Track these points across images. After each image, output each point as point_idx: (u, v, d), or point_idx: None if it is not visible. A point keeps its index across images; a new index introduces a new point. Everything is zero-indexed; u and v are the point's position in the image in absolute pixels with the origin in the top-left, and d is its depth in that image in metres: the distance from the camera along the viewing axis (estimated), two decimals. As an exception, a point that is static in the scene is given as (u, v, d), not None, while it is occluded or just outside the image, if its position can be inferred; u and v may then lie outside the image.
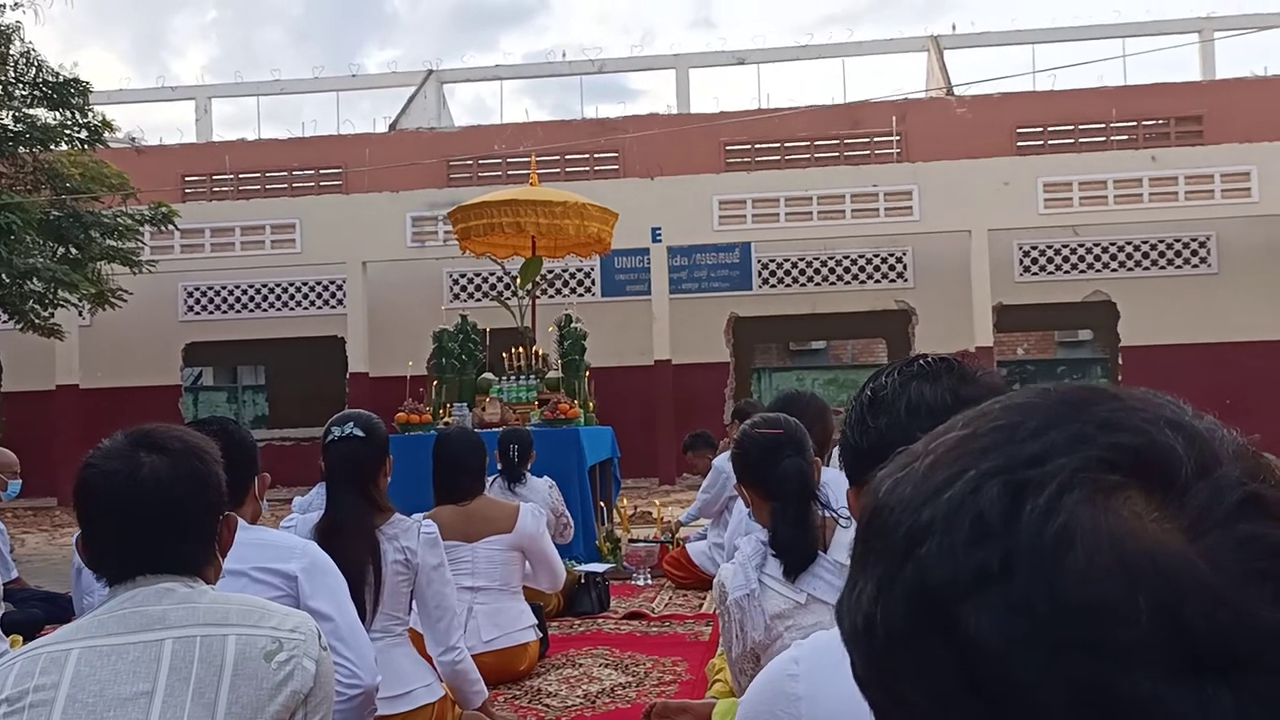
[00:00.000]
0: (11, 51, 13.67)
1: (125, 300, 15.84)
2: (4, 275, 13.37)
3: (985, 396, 0.66)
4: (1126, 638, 0.49)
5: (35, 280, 13.92)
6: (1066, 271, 18.62)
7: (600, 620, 6.50)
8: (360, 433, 3.72)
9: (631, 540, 8.54)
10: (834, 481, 3.17)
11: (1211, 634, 0.49)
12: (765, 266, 19.08)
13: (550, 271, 16.96)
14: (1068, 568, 0.50)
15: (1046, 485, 0.53)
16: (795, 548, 2.88)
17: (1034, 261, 18.68)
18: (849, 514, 2.91)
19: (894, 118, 21.19)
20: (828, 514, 2.94)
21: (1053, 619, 0.50)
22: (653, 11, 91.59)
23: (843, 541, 2.87)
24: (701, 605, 6.80)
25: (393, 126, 23.54)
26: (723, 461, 7.31)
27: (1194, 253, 18.34)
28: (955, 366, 1.52)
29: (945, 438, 0.59)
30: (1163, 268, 18.41)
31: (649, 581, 7.71)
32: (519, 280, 10.21)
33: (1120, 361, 18.60)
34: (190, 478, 1.84)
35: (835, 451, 4.73)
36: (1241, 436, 0.58)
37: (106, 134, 15.01)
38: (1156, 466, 0.53)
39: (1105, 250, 18.49)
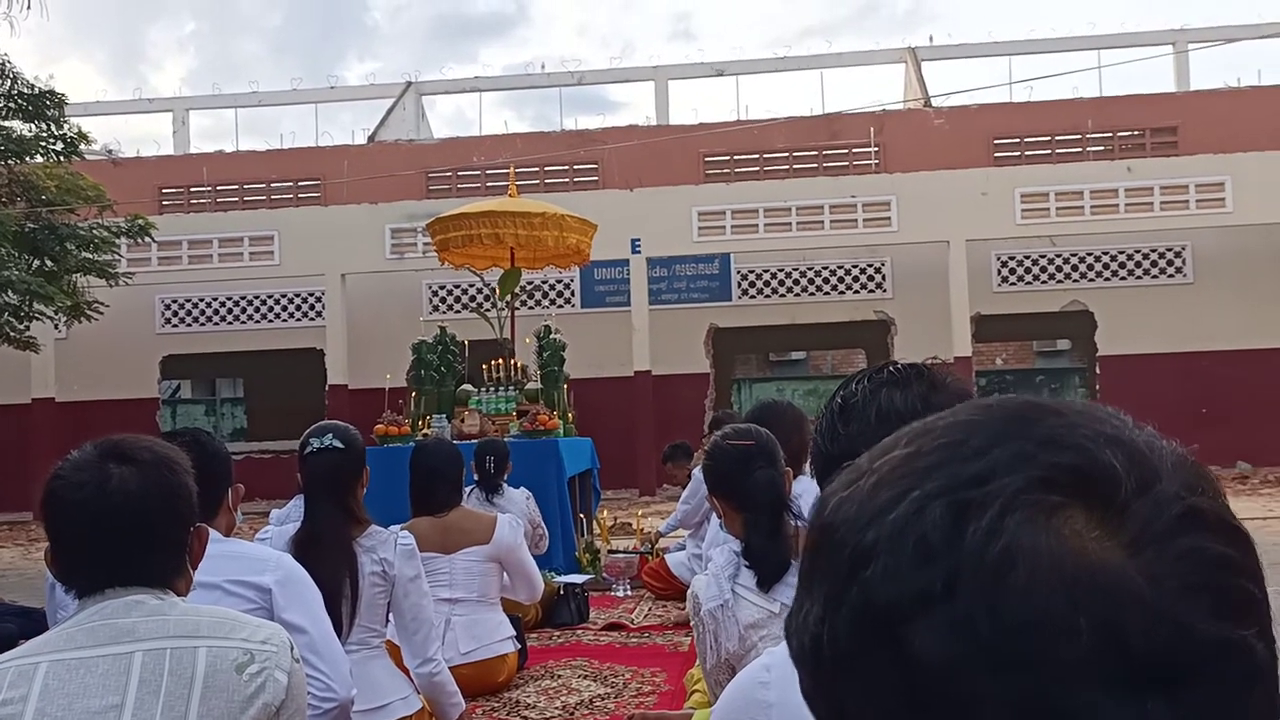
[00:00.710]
0: (-14, 63, 13.59)
1: (102, 313, 15.74)
2: (-21, 288, 13.28)
3: (955, 403, 0.66)
4: (1068, 655, 0.50)
5: (10, 293, 13.82)
6: (1044, 282, 18.72)
7: (579, 631, 6.49)
8: (339, 444, 3.70)
9: (611, 551, 8.53)
10: (808, 491, 3.17)
11: (1151, 649, 0.50)
12: (744, 277, 19.12)
13: (529, 283, 16.98)
14: (1010, 588, 0.51)
15: (989, 506, 0.53)
16: (768, 558, 2.88)
17: (1012, 272, 18.78)
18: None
19: (872, 129, 21.27)
20: (801, 524, 2.94)
21: (995, 638, 0.51)
22: (632, 24, 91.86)
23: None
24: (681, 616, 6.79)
25: (371, 138, 23.50)
26: (701, 472, 7.31)
27: (1170, 263, 18.46)
28: (925, 373, 1.53)
29: (889, 456, 0.59)
30: (1139, 278, 18.53)
31: (628, 593, 7.70)
32: (498, 292, 10.19)
33: (1098, 371, 18.70)
34: (160, 489, 1.83)
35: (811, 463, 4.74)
36: (1181, 447, 0.58)
37: (83, 146, 14.93)
38: (1097, 485, 0.54)
39: (1082, 260, 18.60)
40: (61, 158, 14.77)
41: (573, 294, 19.05)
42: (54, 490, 1.82)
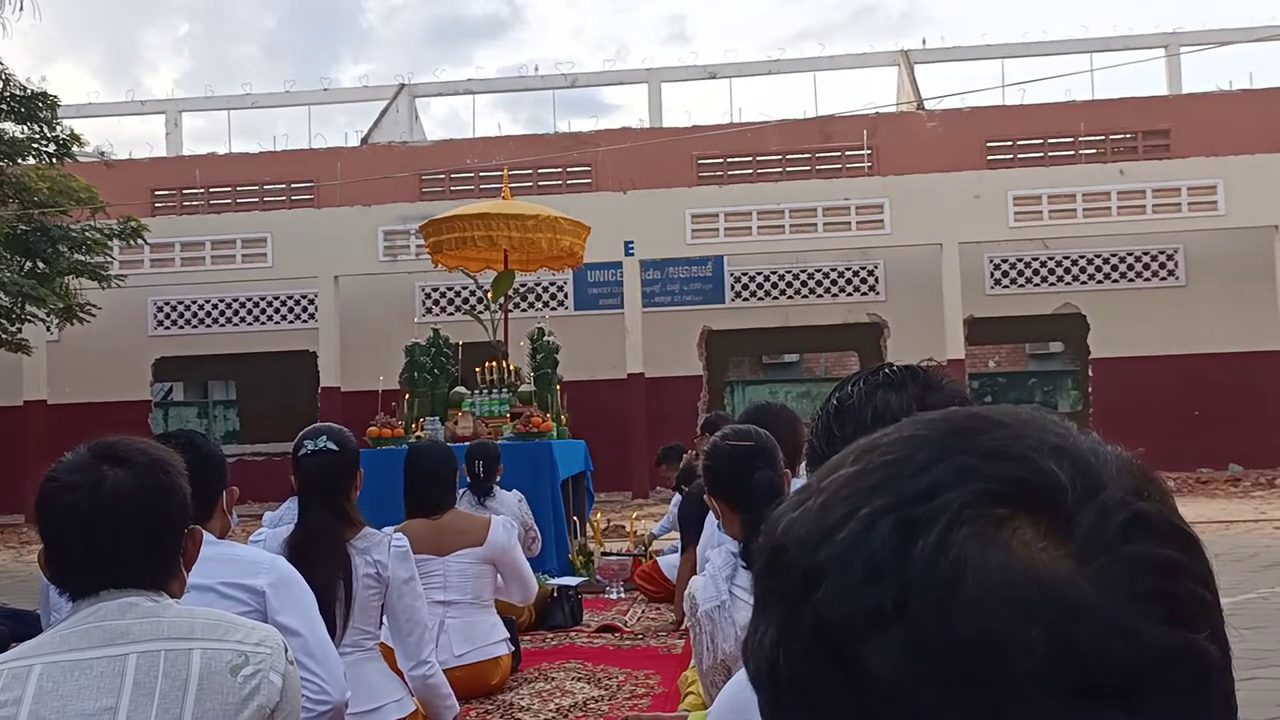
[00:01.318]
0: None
1: (94, 315, 15.73)
2: (-29, 290, 13.26)
3: (949, 404, 0.66)
4: (1021, 669, 0.50)
5: (2, 295, 13.81)
6: (1037, 284, 18.76)
7: (573, 634, 6.48)
8: (333, 446, 3.70)
9: (604, 554, 8.53)
10: (804, 493, 3.17)
11: (1104, 658, 0.50)
12: (738, 280, 19.13)
13: (523, 285, 16.97)
14: (960, 603, 0.51)
15: (936, 522, 0.53)
16: (766, 559, 2.87)
17: (1004, 274, 18.81)
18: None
19: (865, 132, 21.30)
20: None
21: (947, 654, 0.50)
22: (627, 27, 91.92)
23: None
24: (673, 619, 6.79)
25: (364, 140, 23.49)
26: (694, 474, 7.30)
27: (1162, 265, 18.51)
28: (920, 375, 1.53)
29: (837, 474, 0.59)
30: (1131, 280, 18.58)
31: (622, 595, 7.69)
32: (491, 294, 10.19)
33: (1090, 374, 18.73)
34: (154, 491, 1.82)
35: (805, 464, 4.74)
36: (1125, 452, 0.58)
37: (75, 148, 14.92)
38: (1042, 495, 0.54)
39: (1075, 263, 18.64)
40: (54, 159, 14.78)
41: (566, 296, 19.05)
42: (48, 492, 1.81)
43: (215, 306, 19.79)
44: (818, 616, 0.54)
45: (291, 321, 19.73)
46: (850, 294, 19.06)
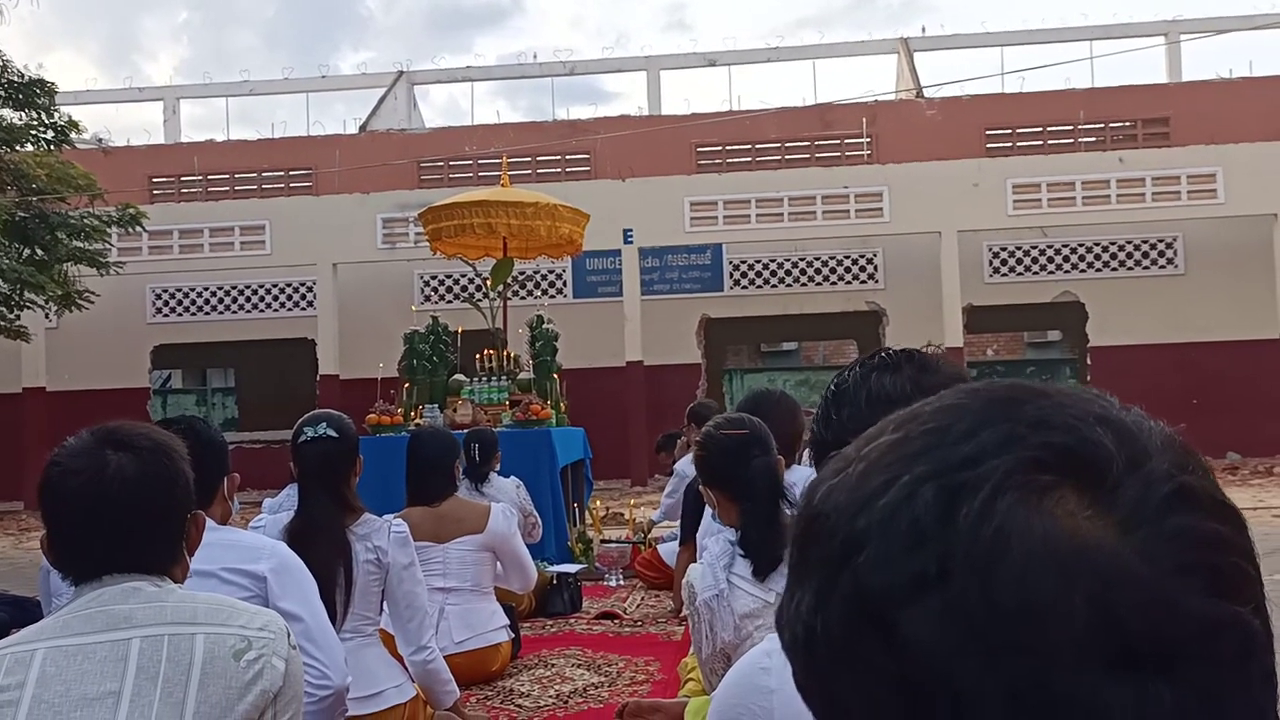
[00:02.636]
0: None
1: (92, 302, 15.72)
2: (-31, 277, 13.25)
3: (946, 385, 0.66)
4: (1063, 636, 0.50)
5: (1, 282, 13.79)
6: (1035, 272, 18.75)
7: (572, 621, 6.50)
8: (333, 433, 3.71)
9: (603, 541, 8.54)
10: (803, 480, 3.17)
11: (1147, 628, 0.50)
12: (736, 268, 19.12)
13: (521, 273, 16.93)
14: (1003, 570, 0.51)
15: (980, 488, 0.53)
16: (765, 547, 2.87)
17: (1003, 263, 18.80)
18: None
19: (864, 119, 21.27)
20: (796, 512, 2.94)
21: (989, 621, 0.50)
22: (627, 15, 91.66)
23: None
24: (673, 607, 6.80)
25: (363, 128, 23.44)
26: (685, 465, 7.32)
27: (1161, 254, 18.50)
28: (916, 357, 1.54)
29: (877, 442, 0.59)
30: (1130, 268, 18.57)
31: (621, 582, 7.71)
32: (490, 281, 10.17)
33: (1089, 362, 18.73)
34: (158, 477, 1.83)
35: (805, 452, 4.75)
36: (1168, 428, 0.58)
37: (73, 134, 14.89)
38: (1087, 464, 0.54)
39: (1074, 251, 18.63)
40: (52, 146, 14.75)
41: (565, 284, 19.04)
42: (52, 477, 1.81)
43: (214, 294, 19.76)
44: (857, 583, 0.54)
45: (290, 309, 19.72)
46: (849, 282, 19.04)
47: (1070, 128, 21.33)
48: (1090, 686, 0.49)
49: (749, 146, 21.76)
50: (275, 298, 19.79)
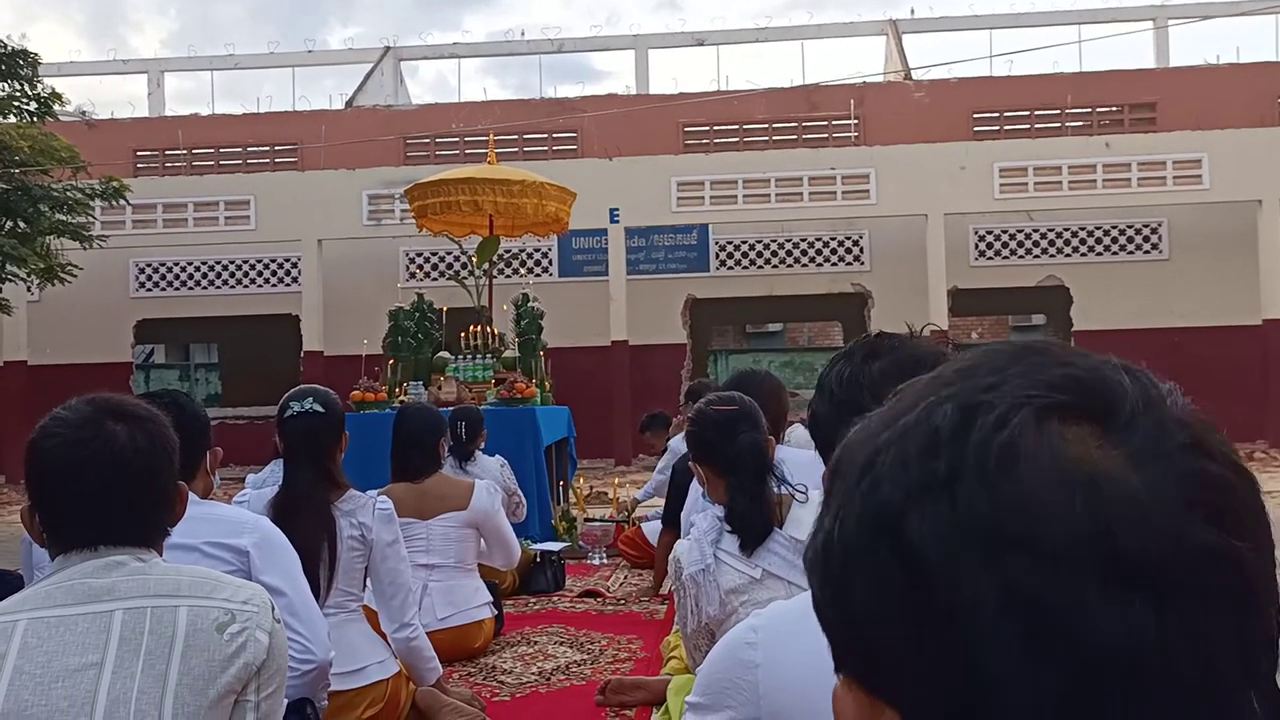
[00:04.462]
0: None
1: (75, 276, 15.60)
2: (-50, 249, 13.15)
3: (904, 362, 0.71)
4: (1059, 542, 0.52)
5: (-18, 254, 13.70)
6: (1021, 256, 18.79)
7: (555, 599, 6.51)
8: (319, 408, 3.70)
9: (587, 519, 8.55)
10: (790, 459, 3.18)
11: (1141, 547, 0.52)
12: (723, 248, 19.11)
13: (507, 251, 16.91)
14: (1009, 475, 0.53)
15: (997, 406, 0.56)
16: (751, 521, 2.89)
17: (989, 246, 18.83)
18: (805, 489, 2.94)
19: (852, 101, 21.25)
20: (784, 490, 2.95)
21: (990, 524, 0.53)
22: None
23: (799, 517, 2.89)
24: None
25: (349, 103, 23.31)
26: (677, 442, 7.32)
27: (1146, 239, 18.56)
28: (868, 343, 1.60)
29: (912, 383, 0.62)
30: (1115, 253, 18.62)
31: (604, 560, 7.73)
32: (476, 259, 10.15)
33: (1073, 345, 18.72)
34: (162, 445, 1.83)
35: (790, 430, 4.77)
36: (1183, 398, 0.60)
37: (56, 107, 14.77)
38: (1103, 397, 0.56)
39: (1059, 235, 18.67)
40: (35, 118, 14.61)
41: (550, 263, 19.00)
42: (50, 449, 1.79)
43: (198, 269, 19.67)
44: (873, 487, 0.57)
45: (274, 285, 19.64)
46: (835, 264, 19.05)
47: (1057, 112, 21.34)
48: (1080, 597, 0.51)
49: (736, 127, 21.72)
50: (260, 273, 19.71)
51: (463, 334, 9.50)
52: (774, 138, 21.61)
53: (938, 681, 0.54)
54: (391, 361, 9.39)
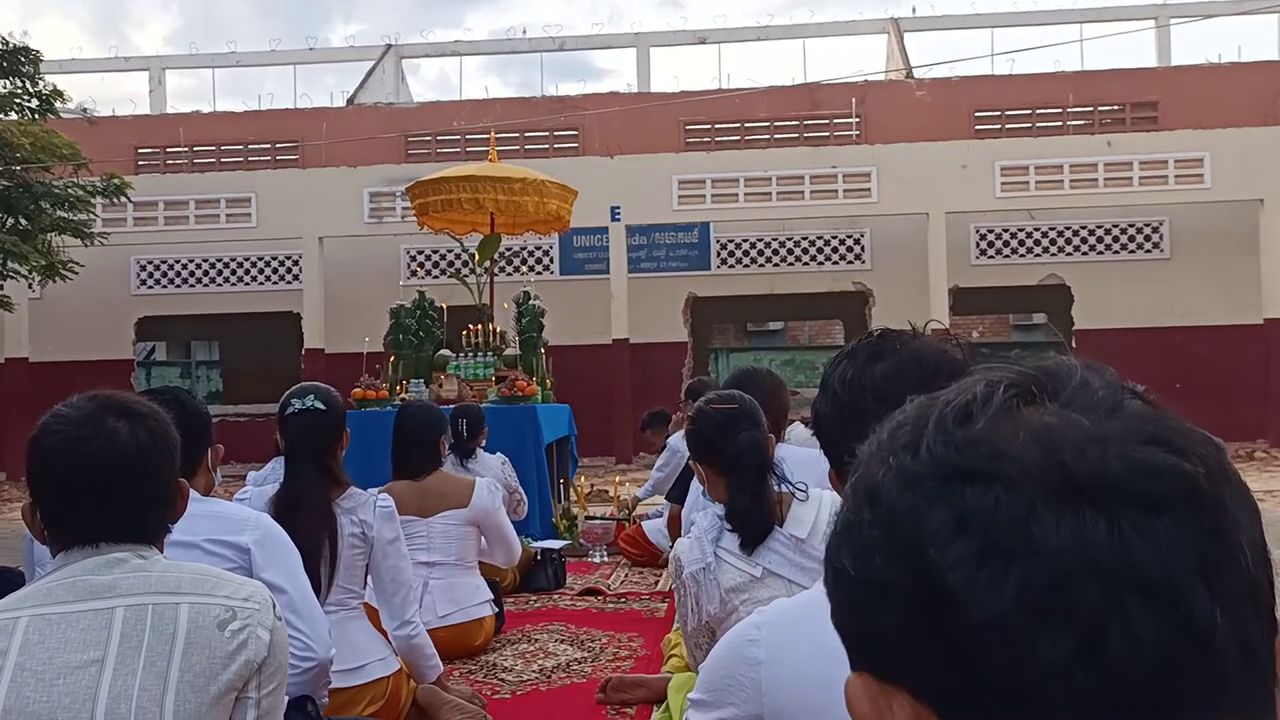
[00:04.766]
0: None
1: (76, 273, 15.62)
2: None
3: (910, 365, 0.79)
4: (1010, 472, 0.56)
5: (-16, 251, 13.70)
6: (1022, 255, 18.78)
7: (556, 596, 6.52)
8: (320, 405, 3.70)
9: (588, 517, 8.55)
10: (790, 458, 3.18)
11: (1090, 471, 0.55)
12: (724, 247, 19.10)
13: (508, 249, 16.90)
14: (965, 427, 0.60)
15: (957, 396, 0.63)
16: (751, 520, 2.89)
17: (990, 245, 18.82)
18: (806, 488, 2.93)
19: (853, 99, 21.23)
20: (784, 488, 2.95)
21: (944, 463, 0.59)
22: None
23: (799, 516, 2.89)
24: (657, 583, 6.83)
25: (350, 101, 23.30)
26: (677, 440, 7.33)
27: (1147, 238, 18.54)
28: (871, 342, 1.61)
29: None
30: (1116, 252, 18.61)
31: (605, 558, 7.73)
32: (477, 257, 10.16)
33: (1074, 345, 18.78)
34: (166, 444, 1.83)
35: (790, 429, 4.77)
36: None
37: (58, 104, 14.78)
38: (1053, 375, 0.63)
39: (1060, 234, 18.66)
40: (36, 115, 14.62)
41: (552, 261, 18.99)
42: (51, 446, 1.79)
43: (199, 266, 19.67)
44: (862, 470, 0.64)
45: (275, 282, 19.64)
46: (836, 262, 19.04)
47: (1059, 110, 21.32)
48: (1028, 512, 0.55)
49: (738, 125, 21.71)
50: (261, 271, 19.71)
51: (464, 332, 9.51)
52: (775, 136, 21.60)
53: (922, 632, 0.57)
54: (392, 359, 9.39)
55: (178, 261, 19.62)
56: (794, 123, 21.69)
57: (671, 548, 3.14)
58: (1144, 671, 0.53)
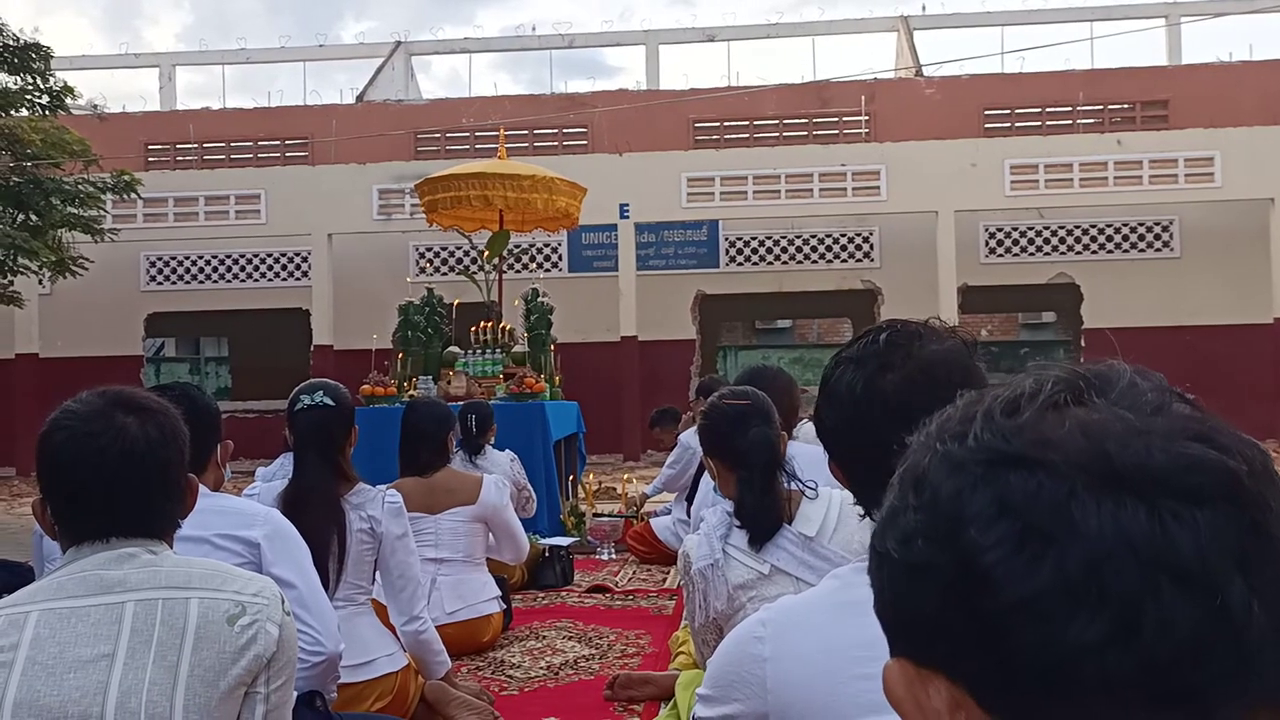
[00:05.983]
0: (-29, 15, 13.43)
1: (86, 269, 15.65)
2: (-37, 242, 13.19)
3: (920, 378, 0.82)
4: (1053, 459, 0.58)
5: (-6, 247, 13.74)
6: (1031, 254, 18.74)
7: (564, 593, 6.53)
8: (329, 401, 3.71)
9: (596, 515, 8.56)
10: (801, 455, 3.18)
11: (1132, 462, 0.57)
12: (732, 244, 19.09)
13: (517, 246, 16.90)
14: (1013, 419, 0.61)
15: (1038, 392, 0.64)
16: (761, 516, 2.89)
17: (999, 243, 18.78)
18: (815, 486, 2.93)
19: (863, 97, 21.19)
20: (794, 486, 2.95)
21: (990, 449, 0.60)
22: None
23: (808, 514, 2.89)
24: (665, 580, 6.83)
25: (360, 98, 23.32)
26: (688, 437, 7.33)
27: (1157, 236, 18.50)
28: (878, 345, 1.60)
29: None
30: (1126, 251, 18.56)
31: (613, 556, 7.74)
32: (486, 254, 10.17)
33: (1083, 344, 18.75)
34: (175, 439, 1.83)
35: (801, 426, 4.76)
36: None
37: (69, 100, 14.81)
38: (1100, 375, 0.64)
39: (1070, 233, 18.62)
40: (47, 111, 14.65)
41: (560, 258, 19.00)
42: (61, 441, 1.80)
43: (208, 262, 19.70)
44: (909, 464, 0.65)
45: (285, 279, 19.67)
46: (845, 260, 19.02)
47: (1069, 109, 21.26)
48: (1072, 496, 0.56)
49: (747, 123, 21.68)
50: (270, 267, 19.74)
51: (472, 329, 9.51)
52: (784, 134, 21.57)
53: (959, 612, 0.58)
54: (401, 356, 9.41)
55: (187, 258, 19.67)
56: (803, 121, 21.66)
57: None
58: (1176, 655, 0.53)
